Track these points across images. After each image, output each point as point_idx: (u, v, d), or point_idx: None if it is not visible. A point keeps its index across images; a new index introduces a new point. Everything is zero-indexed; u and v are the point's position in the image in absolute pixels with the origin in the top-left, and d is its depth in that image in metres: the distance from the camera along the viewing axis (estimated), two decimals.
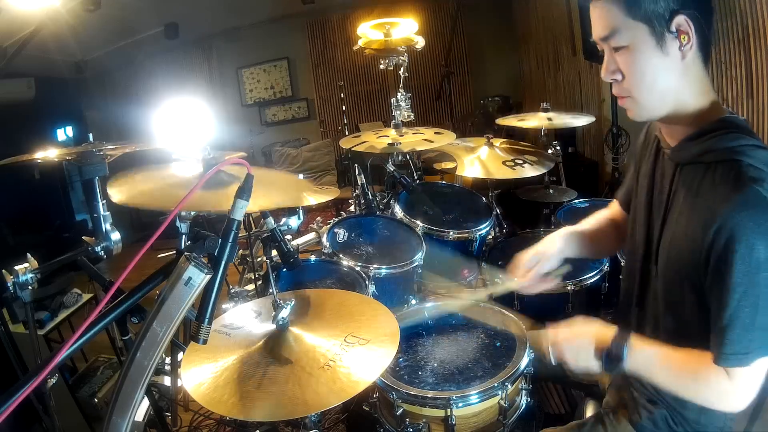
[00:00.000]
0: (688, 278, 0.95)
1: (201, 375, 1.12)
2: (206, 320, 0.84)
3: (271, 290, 1.43)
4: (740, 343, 0.86)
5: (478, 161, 2.31)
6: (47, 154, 1.33)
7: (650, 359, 0.96)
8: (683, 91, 0.94)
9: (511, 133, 3.82)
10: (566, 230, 1.30)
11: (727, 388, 0.89)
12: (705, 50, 0.93)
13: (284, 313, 1.18)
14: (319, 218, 2.23)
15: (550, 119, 2.52)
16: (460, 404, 1.21)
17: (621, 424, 1.12)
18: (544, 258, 1.23)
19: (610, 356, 0.96)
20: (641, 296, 1.11)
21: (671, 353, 0.95)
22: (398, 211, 2.14)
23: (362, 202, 2.23)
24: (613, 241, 1.33)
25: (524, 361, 1.29)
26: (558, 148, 2.61)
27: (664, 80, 0.92)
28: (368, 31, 2.42)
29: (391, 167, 2.24)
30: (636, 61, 0.92)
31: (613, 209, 1.35)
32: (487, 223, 2.16)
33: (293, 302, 1.21)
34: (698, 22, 0.88)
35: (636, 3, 0.88)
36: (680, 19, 0.87)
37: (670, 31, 0.88)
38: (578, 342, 1.02)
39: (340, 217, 2.18)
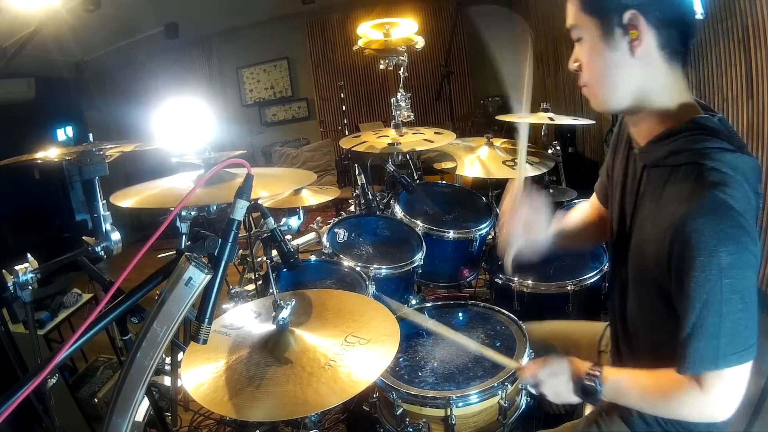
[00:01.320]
0: (654, 285, 0.94)
1: (201, 375, 1.12)
2: (206, 320, 0.84)
3: (271, 290, 1.43)
4: (705, 350, 0.84)
5: (478, 161, 2.31)
6: (47, 154, 1.33)
7: (623, 388, 0.99)
8: (646, 88, 0.93)
9: (511, 130, 3.80)
10: (557, 224, 1.30)
11: (701, 399, 0.88)
12: (672, 47, 0.90)
13: (284, 313, 1.18)
14: (319, 218, 2.23)
15: (550, 119, 2.52)
16: (460, 404, 1.21)
17: (614, 422, 1.12)
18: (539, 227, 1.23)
19: (585, 390, 1.00)
20: (622, 296, 1.11)
21: (642, 376, 0.96)
22: (398, 211, 2.14)
23: (362, 202, 2.23)
24: (597, 232, 1.33)
25: (524, 361, 1.28)
26: (558, 148, 2.61)
27: (613, 74, 0.93)
28: (368, 31, 2.42)
29: (391, 167, 2.24)
30: (588, 54, 0.95)
31: (592, 201, 1.35)
32: (487, 223, 2.16)
33: (293, 302, 1.21)
34: (655, 17, 0.87)
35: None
36: (630, 14, 0.87)
37: (621, 26, 0.88)
38: (555, 380, 1.06)
39: (340, 217, 2.18)
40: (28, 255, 1.28)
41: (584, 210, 1.36)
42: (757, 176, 0.88)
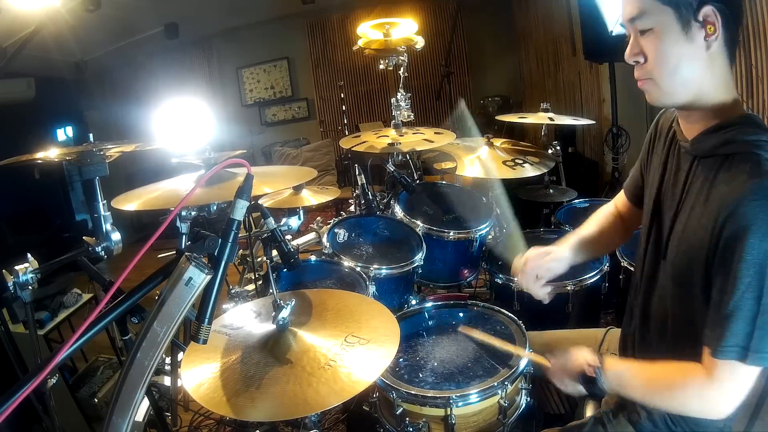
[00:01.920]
0: (699, 272, 0.94)
1: (201, 375, 1.12)
2: (206, 320, 0.84)
3: (271, 290, 1.43)
4: (740, 335, 0.84)
5: (478, 161, 2.31)
6: (47, 154, 1.33)
7: (625, 377, 1.00)
8: (706, 83, 0.93)
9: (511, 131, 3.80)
10: (574, 238, 1.33)
11: (709, 393, 0.88)
12: (731, 47, 0.92)
13: (284, 313, 1.18)
14: (319, 218, 2.23)
15: (550, 119, 2.52)
16: (460, 403, 1.21)
17: (621, 424, 1.12)
18: (553, 258, 1.29)
19: (587, 380, 1.03)
20: (647, 292, 1.11)
21: (647, 367, 0.98)
22: (398, 211, 2.14)
23: (362, 202, 2.23)
24: (617, 236, 1.36)
25: (524, 361, 1.29)
26: (558, 148, 2.61)
27: (686, 67, 0.92)
28: (368, 31, 2.42)
29: (391, 167, 2.24)
30: (660, 44, 0.92)
31: (618, 200, 1.36)
32: (487, 223, 2.16)
33: (293, 302, 1.21)
34: (726, 16, 0.88)
35: None
36: (708, 10, 0.88)
37: (697, 20, 0.88)
38: (563, 371, 1.10)
39: (340, 218, 2.18)
40: (28, 255, 1.28)
41: (601, 217, 1.37)
42: None
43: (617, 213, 1.36)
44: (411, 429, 1.24)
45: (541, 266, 1.29)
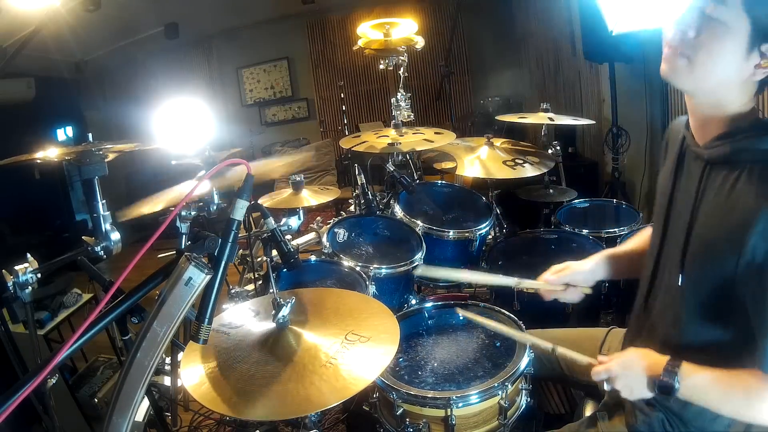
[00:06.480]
0: (725, 285, 0.92)
1: (201, 375, 1.12)
2: (206, 320, 0.84)
3: (271, 290, 1.43)
4: None
5: (478, 161, 2.31)
6: (47, 154, 1.33)
7: (702, 386, 0.94)
8: (731, 95, 0.95)
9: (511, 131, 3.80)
10: (603, 253, 1.34)
11: None
12: None
13: (284, 311, 1.18)
14: (319, 218, 2.23)
15: (550, 119, 2.52)
16: (460, 404, 1.21)
17: (616, 427, 1.12)
18: (574, 271, 1.30)
19: (662, 386, 0.95)
20: (652, 303, 1.10)
21: (722, 375, 0.92)
22: (398, 211, 2.14)
23: (362, 202, 2.23)
24: None
25: (524, 361, 1.29)
26: (558, 148, 2.60)
27: (727, 75, 0.93)
28: (368, 31, 2.42)
29: (391, 167, 2.23)
30: (722, 41, 0.91)
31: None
32: (487, 223, 2.16)
33: (293, 300, 1.21)
34: None
35: (757, 3, 0.89)
36: None
37: (760, 48, 0.89)
38: (630, 373, 1.01)
39: (340, 217, 2.18)
40: (28, 255, 1.28)
41: (637, 238, 1.37)
42: None
43: None
44: (411, 429, 1.24)
45: (562, 279, 1.31)
